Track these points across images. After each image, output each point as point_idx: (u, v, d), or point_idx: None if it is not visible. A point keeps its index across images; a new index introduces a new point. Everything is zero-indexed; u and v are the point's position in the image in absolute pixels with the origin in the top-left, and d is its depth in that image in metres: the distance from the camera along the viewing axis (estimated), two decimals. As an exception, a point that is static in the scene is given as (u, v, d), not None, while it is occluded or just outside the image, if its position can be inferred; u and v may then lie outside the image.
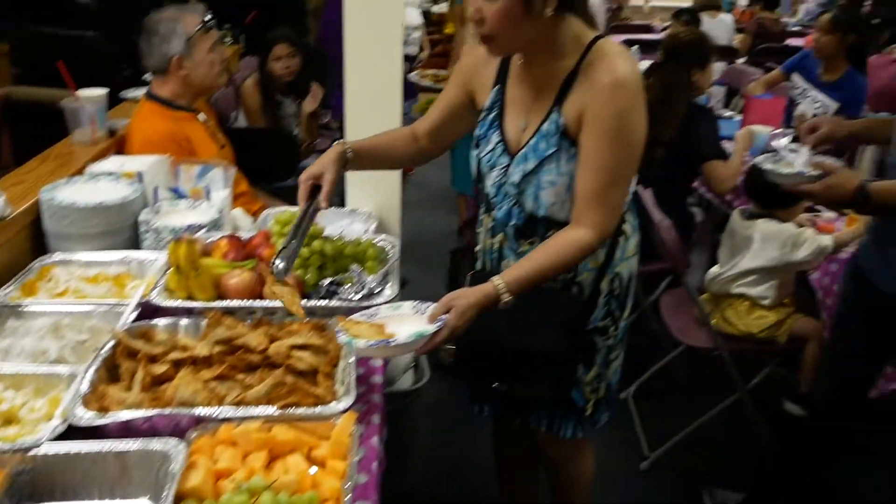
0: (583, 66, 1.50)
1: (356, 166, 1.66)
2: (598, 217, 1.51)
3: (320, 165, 1.57)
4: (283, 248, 1.43)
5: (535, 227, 1.62)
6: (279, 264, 1.41)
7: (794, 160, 1.83)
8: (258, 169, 2.76)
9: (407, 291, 2.57)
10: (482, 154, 1.66)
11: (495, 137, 1.63)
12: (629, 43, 6.19)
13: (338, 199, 2.13)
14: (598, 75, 1.47)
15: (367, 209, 2.22)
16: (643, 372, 2.93)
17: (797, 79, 3.92)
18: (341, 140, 1.67)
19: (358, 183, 2.25)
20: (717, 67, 5.64)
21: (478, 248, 1.79)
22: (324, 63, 3.88)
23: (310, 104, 3.74)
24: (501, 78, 1.64)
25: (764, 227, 2.44)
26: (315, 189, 1.55)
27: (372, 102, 2.18)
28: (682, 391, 2.95)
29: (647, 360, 2.93)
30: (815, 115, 3.66)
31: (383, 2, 2.09)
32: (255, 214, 2.28)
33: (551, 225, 1.59)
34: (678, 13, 5.23)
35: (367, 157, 1.69)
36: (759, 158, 1.91)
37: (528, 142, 1.56)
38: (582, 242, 1.50)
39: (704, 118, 2.98)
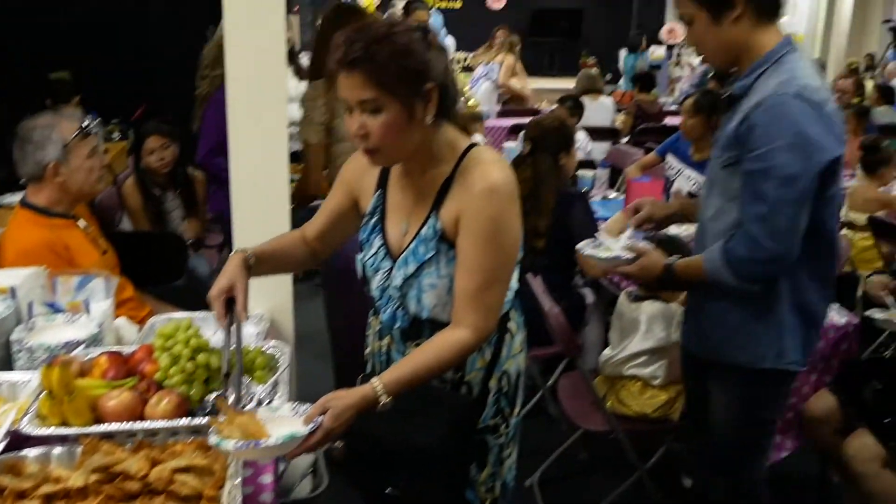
0: (458, 172, 1.55)
1: (257, 272, 1.65)
2: (475, 318, 1.53)
3: (227, 278, 1.55)
4: (226, 374, 1.40)
5: (421, 329, 1.63)
6: (231, 396, 1.37)
7: (612, 245, 1.98)
8: (145, 272, 2.69)
9: (301, 386, 2.52)
10: (366, 258, 1.68)
11: (377, 241, 1.65)
12: (517, 128, 6.42)
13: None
14: (472, 181, 1.52)
15: (259, 311, 2.18)
16: (547, 458, 2.93)
17: (671, 159, 4.14)
18: (241, 248, 1.65)
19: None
20: (600, 148, 5.93)
21: (367, 350, 1.80)
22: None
23: (191, 230, 3.70)
24: (382, 183, 1.67)
25: (649, 308, 2.53)
26: (229, 302, 1.53)
27: (259, 203, 2.17)
28: (584, 474, 2.97)
29: (550, 444, 2.94)
30: (689, 192, 3.87)
31: (265, 98, 2.10)
32: (141, 322, 2.21)
33: (436, 326, 1.61)
34: (563, 98, 5.47)
35: (268, 263, 1.69)
36: (580, 244, 2.03)
37: (408, 246, 1.59)
38: (460, 343, 1.52)
39: (577, 204, 3.08)
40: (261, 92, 2.11)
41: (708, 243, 1.85)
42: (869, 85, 8.93)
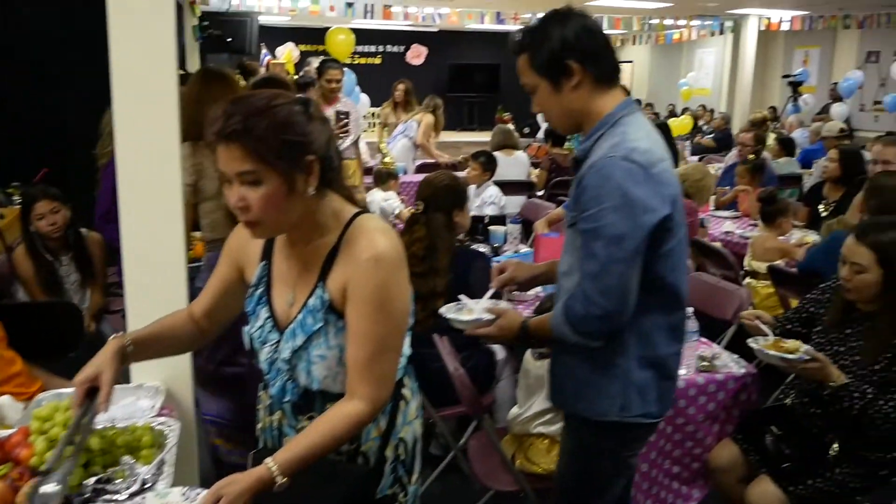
0: (343, 241, 1.54)
1: (138, 358, 1.61)
2: (369, 388, 1.51)
3: (95, 366, 1.50)
4: (50, 469, 1.33)
5: (312, 402, 1.61)
6: (49, 490, 1.30)
7: (474, 307, 2.02)
8: (37, 345, 2.58)
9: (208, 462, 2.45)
10: (252, 330, 1.64)
11: (264, 313, 1.62)
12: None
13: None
14: (358, 250, 1.51)
15: (155, 383, 2.11)
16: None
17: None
18: (119, 334, 1.60)
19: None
20: (516, 202, 6.03)
21: (259, 426, 1.75)
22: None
23: (93, 298, 3.59)
24: (267, 254, 1.65)
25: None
26: (92, 391, 1.47)
27: (152, 269, 2.11)
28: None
29: (466, 504, 2.91)
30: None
31: (156, 164, 2.05)
32: (30, 398, 2.11)
33: (327, 398, 1.59)
34: (476, 154, 5.54)
35: (150, 349, 1.65)
36: (443, 308, 2.07)
37: (295, 317, 1.57)
38: (355, 415, 1.50)
39: (477, 262, 3.09)
40: (151, 160, 2.05)
41: (561, 299, 1.90)
42: (770, 137, 9.36)
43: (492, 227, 4.25)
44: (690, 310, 2.68)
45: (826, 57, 13.82)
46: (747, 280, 4.43)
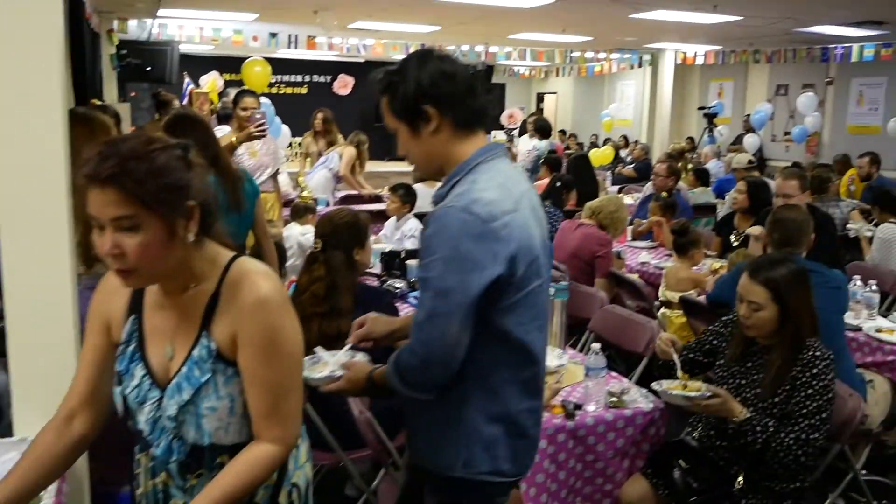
0: (224, 287, 1.49)
1: None
2: (278, 431, 1.49)
3: None
4: None
5: (201, 458, 1.54)
6: None
7: (329, 359, 2.00)
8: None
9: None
10: (127, 390, 1.55)
11: (139, 371, 1.54)
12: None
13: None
14: (242, 295, 1.47)
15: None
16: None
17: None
18: None
19: (26, 398, 1.96)
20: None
21: (139, 491, 1.64)
22: None
23: None
24: (136, 307, 1.57)
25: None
26: None
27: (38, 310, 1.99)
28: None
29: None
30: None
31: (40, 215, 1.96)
32: None
33: (218, 452, 1.53)
34: (395, 186, 5.53)
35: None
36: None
37: (178, 371, 1.50)
38: (269, 456, 1.49)
39: (382, 300, 3.04)
40: (35, 212, 1.95)
41: None
42: (687, 167, 9.63)
43: (409, 262, 4.21)
44: (597, 345, 2.71)
45: (739, 90, 14.35)
46: (662, 310, 4.51)
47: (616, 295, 4.65)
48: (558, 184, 6.13)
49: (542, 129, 8.94)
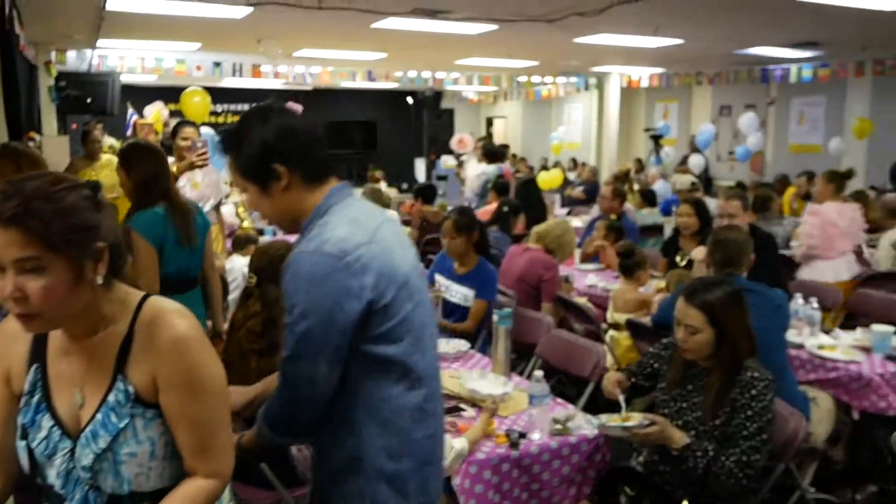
0: (137, 328, 1.44)
1: None
2: (213, 465, 1.48)
3: None
4: None
5: None
6: None
7: None
8: None
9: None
10: (34, 443, 1.47)
11: (47, 422, 1.46)
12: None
13: None
14: (158, 336, 1.43)
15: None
16: None
17: (439, 279, 4.21)
18: None
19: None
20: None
21: None
22: None
23: None
24: (38, 355, 1.49)
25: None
26: None
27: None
28: None
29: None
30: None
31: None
32: None
33: (139, 499, 1.46)
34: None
35: None
36: None
37: (92, 418, 1.43)
38: (208, 488, 1.47)
39: None
40: None
41: None
42: (633, 189, 9.75)
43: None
44: (539, 373, 2.68)
45: (684, 111, 14.62)
46: (610, 332, 4.51)
47: (563, 319, 4.64)
48: (506, 209, 6.12)
49: (491, 154, 8.98)
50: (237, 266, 5.05)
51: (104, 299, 1.43)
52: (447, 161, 13.54)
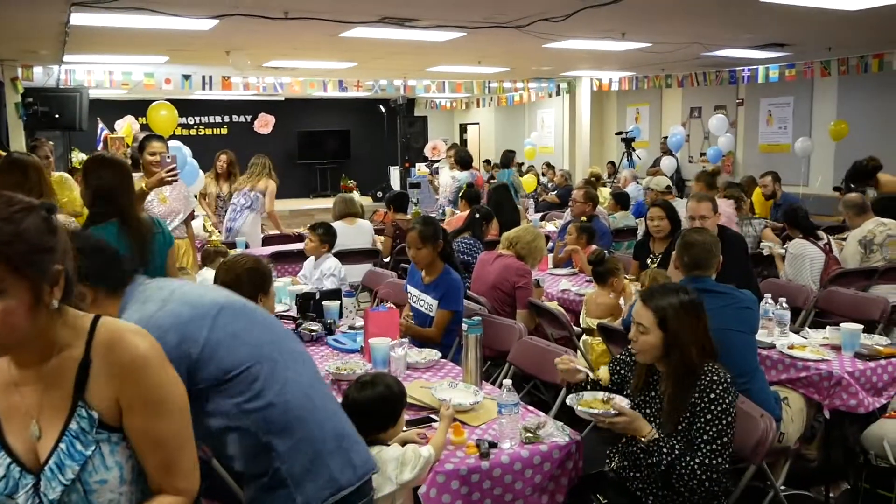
0: (94, 351, 1.41)
1: None
2: (181, 483, 1.47)
3: None
4: None
5: None
6: None
7: None
8: None
9: None
10: None
11: (2, 459, 1.41)
12: (278, 255, 6.32)
13: None
14: (118, 357, 1.40)
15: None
16: None
17: (411, 289, 4.20)
18: None
19: None
20: (361, 270, 5.95)
21: None
22: None
23: None
24: None
25: (373, 454, 2.44)
26: None
27: None
28: None
29: None
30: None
31: None
32: None
33: None
34: (313, 226, 5.43)
35: None
36: None
37: (54, 449, 1.39)
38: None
39: None
40: None
41: None
42: (605, 192, 9.79)
43: (325, 303, 4.12)
44: (508, 382, 2.67)
45: (655, 114, 14.73)
46: (584, 337, 4.51)
47: (538, 325, 4.64)
48: (478, 215, 6.12)
49: (463, 161, 8.99)
50: (207, 280, 5.00)
51: (57, 324, 1.40)
52: (421, 168, 13.52)
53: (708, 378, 2.48)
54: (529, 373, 3.61)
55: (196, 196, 7.37)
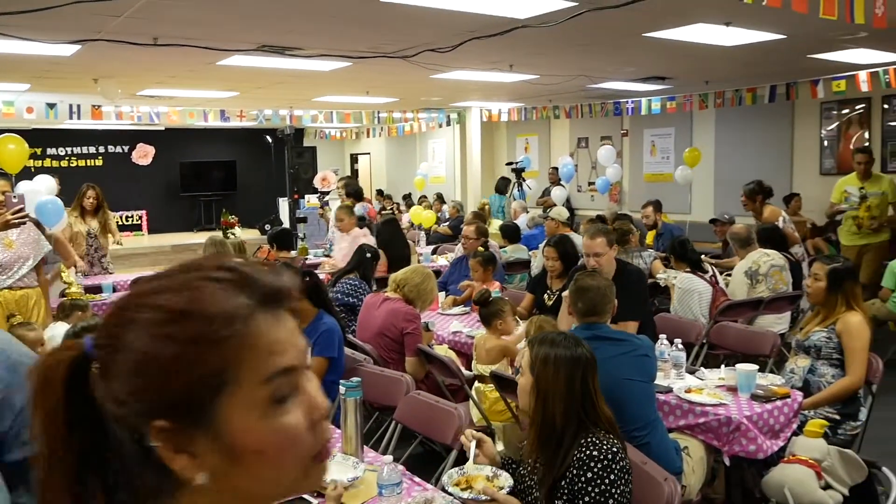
0: None
1: None
2: None
3: None
4: None
5: None
6: None
7: None
8: None
9: None
10: None
11: None
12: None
13: None
14: None
15: None
16: None
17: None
18: None
19: None
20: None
21: None
22: None
23: None
24: None
25: None
26: None
27: None
28: None
29: None
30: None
31: None
32: None
33: None
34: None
35: None
36: None
37: None
38: None
39: None
40: None
41: None
42: (496, 223, 9.67)
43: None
44: (389, 458, 2.39)
45: (544, 144, 14.83)
46: (476, 384, 4.26)
47: (427, 372, 4.37)
48: (368, 255, 5.78)
49: (355, 194, 8.72)
50: (57, 337, 4.47)
51: None
52: (310, 200, 13.13)
53: (586, 453, 2.27)
54: (417, 431, 3.33)
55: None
